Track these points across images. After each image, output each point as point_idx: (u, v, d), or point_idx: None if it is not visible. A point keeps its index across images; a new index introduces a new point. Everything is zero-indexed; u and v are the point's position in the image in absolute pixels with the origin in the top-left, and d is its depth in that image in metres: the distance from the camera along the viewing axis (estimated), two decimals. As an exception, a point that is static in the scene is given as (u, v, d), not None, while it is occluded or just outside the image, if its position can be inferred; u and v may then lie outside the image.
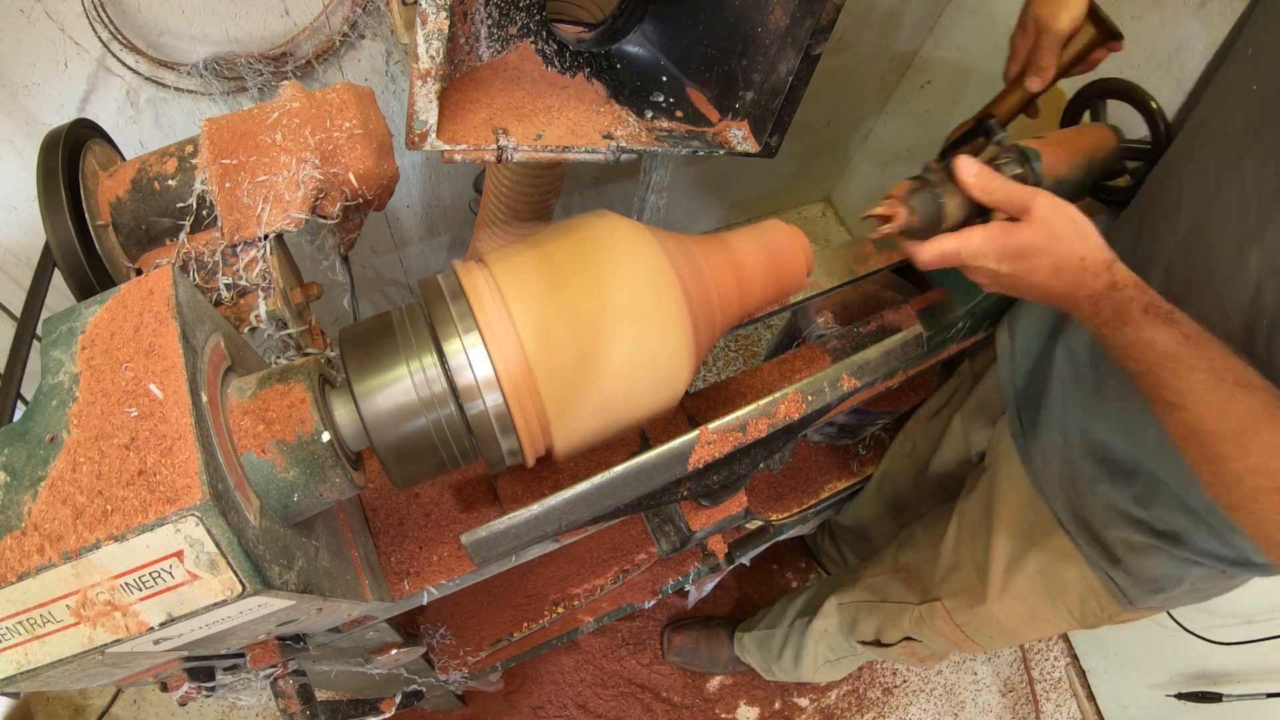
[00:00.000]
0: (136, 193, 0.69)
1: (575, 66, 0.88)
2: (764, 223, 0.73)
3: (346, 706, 0.84)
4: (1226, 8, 1.13)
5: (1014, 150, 0.81)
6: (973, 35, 1.62)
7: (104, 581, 0.45)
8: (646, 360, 0.60)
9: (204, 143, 0.66)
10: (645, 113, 0.87)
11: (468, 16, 0.78)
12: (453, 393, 0.56)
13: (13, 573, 0.44)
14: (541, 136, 0.78)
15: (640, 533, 1.46)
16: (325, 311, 1.50)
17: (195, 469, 0.46)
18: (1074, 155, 0.83)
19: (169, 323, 0.51)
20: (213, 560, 0.46)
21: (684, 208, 1.99)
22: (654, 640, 1.89)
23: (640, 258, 0.61)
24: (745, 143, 0.87)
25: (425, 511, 0.87)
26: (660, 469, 0.67)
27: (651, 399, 0.63)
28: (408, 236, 1.58)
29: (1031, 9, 0.92)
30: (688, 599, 1.90)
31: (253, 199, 0.67)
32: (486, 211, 1.16)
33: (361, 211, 0.76)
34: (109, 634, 0.47)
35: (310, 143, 0.67)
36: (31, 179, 0.66)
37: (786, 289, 0.72)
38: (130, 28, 1.00)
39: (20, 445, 0.48)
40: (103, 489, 0.45)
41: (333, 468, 0.56)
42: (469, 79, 0.80)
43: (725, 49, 0.86)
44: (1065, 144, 0.82)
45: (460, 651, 1.32)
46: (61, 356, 0.51)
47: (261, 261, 0.69)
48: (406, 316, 0.59)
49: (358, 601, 0.67)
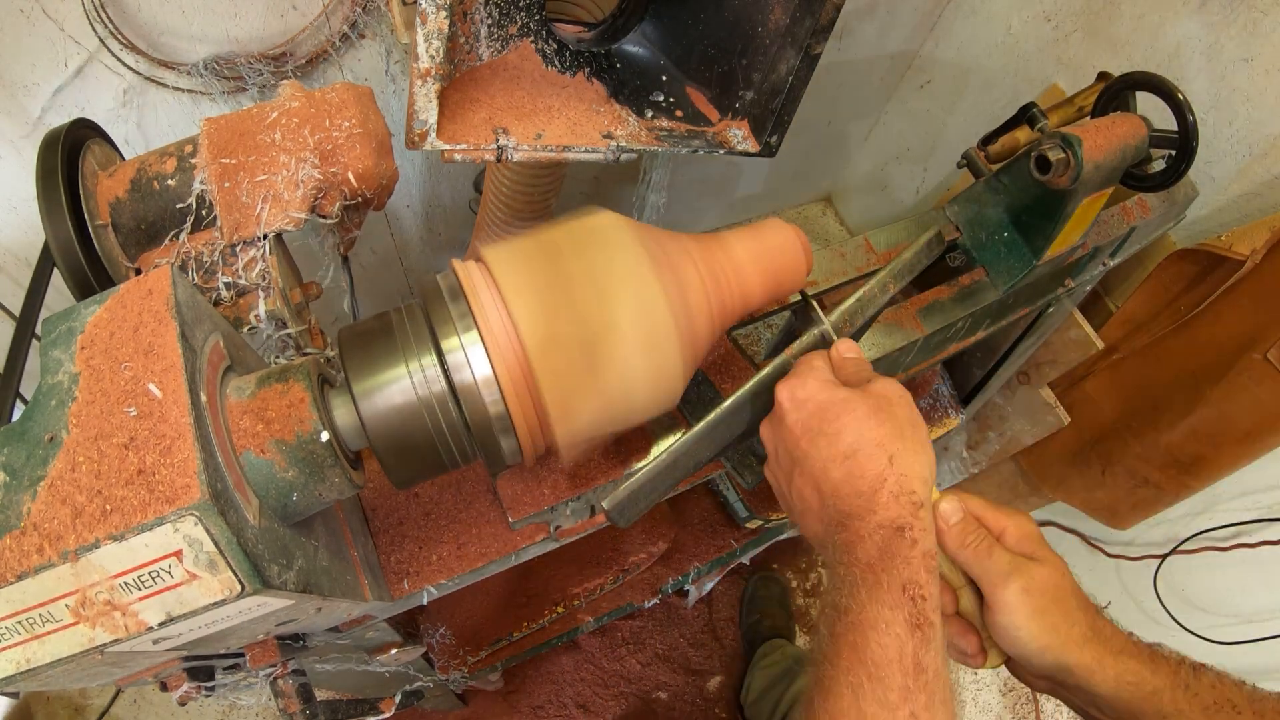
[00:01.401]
0: (136, 192, 0.68)
1: (575, 66, 0.88)
2: (763, 221, 0.73)
3: (346, 706, 0.84)
4: (1226, 8, 1.13)
5: (1057, 137, 0.81)
6: (973, 35, 1.62)
7: (103, 581, 0.45)
8: (646, 359, 0.60)
9: (203, 142, 0.66)
10: (645, 112, 0.87)
11: (468, 16, 0.78)
12: (452, 392, 0.56)
13: (12, 573, 0.44)
14: (541, 136, 0.78)
15: (640, 532, 1.46)
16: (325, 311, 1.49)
17: (194, 468, 0.46)
18: (1112, 142, 0.84)
19: (168, 322, 0.51)
20: (212, 560, 0.46)
21: (684, 207, 1.98)
22: (654, 640, 1.89)
23: (639, 257, 0.61)
24: (745, 142, 0.87)
25: (425, 511, 0.87)
26: (770, 385, 0.67)
27: (651, 398, 0.63)
28: (408, 236, 1.58)
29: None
30: (687, 599, 1.90)
31: (252, 199, 0.67)
32: (486, 211, 1.16)
33: (361, 211, 0.76)
34: (108, 634, 0.47)
35: (310, 142, 0.67)
36: (31, 179, 0.66)
37: (786, 288, 0.72)
38: (130, 27, 1.00)
39: (20, 445, 0.48)
40: (102, 489, 0.45)
41: (332, 467, 0.56)
42: (469, 79, 0.80)
43: (725, 48, 0.86)
44: (1103, 131, 0.84)
45: (460, 651, 1.32)
46: (61, 356, 0.51)
47: (261, 261, 0.69)
48: (406, 316, 0.59)
49: (357, 601, 0.67)
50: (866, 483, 0.55)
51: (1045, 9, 1.43)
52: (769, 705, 1.61)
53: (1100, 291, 1.41)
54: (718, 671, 1.90)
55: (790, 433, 0.60)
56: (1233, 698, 0.61)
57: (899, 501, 0.54)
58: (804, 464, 0.59)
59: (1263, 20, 1.10)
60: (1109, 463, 1.45)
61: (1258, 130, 1.15)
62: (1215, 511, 1.50)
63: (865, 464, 0.55)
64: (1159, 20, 1.23)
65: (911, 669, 0.47)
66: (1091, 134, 0.83)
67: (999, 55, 1.57)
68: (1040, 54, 1.47)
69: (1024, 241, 0.92)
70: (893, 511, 0.53)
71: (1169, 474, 1.37)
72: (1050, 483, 1.63)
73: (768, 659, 1.74)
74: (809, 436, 0.59)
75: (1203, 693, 0.61)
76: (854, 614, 0.49)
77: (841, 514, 0.55)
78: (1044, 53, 1.46)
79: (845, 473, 0.56)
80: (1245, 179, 1.19)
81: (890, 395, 0.59)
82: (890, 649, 0.48)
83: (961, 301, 1.01)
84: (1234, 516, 1.46)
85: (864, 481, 0.55)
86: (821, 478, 0.57)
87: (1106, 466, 1.46)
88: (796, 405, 0.60)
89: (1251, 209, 1.19)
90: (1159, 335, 1.29)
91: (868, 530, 0.53)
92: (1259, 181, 1.17)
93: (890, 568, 0.51)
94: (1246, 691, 0.62)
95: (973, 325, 1.08)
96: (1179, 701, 0.61)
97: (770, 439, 0.64)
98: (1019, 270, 0.93)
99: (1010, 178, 0.89)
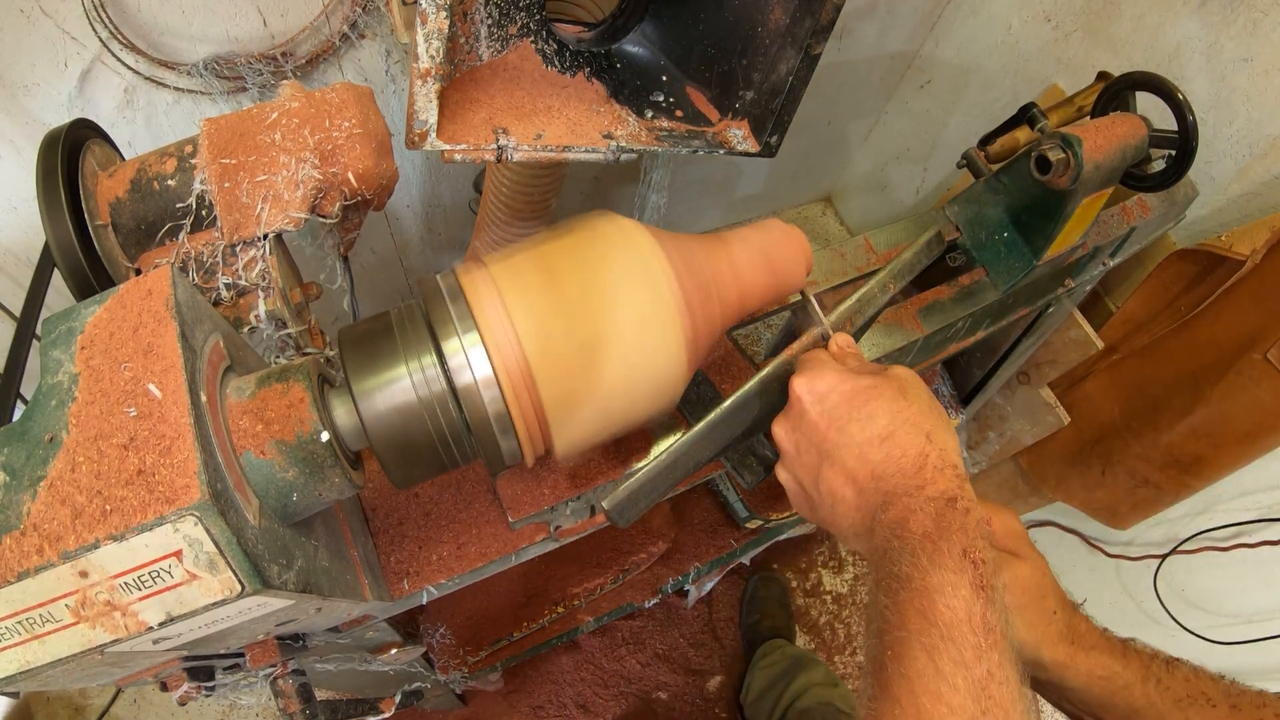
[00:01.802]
0: (136, 193, 0.68)
1: (575, 66, 0.88)
2: (763, 222, 0.73)
3: (346, 706, 0.84)
4: (1226, 8, 1.13)
5: (1057, 137, 0.81)
6: (973, 35, 1.62)
7: (103, 581, 0.45)
8: (646, 360, 0.60)
9: (203, 142, 0.66)
10: (645, 112, 0.87)
11: (468, 16, 0.78)
12: (452, 393, 0.56)
13: (12, 573, 0.44)
14: (541, 136, 0.78)
15: (640, 532, 1.46)
16: (325, 311, 1.49)
17: (194, 469, 0.46)
18: (1111, 142, 0.84)
19: (167, 322, 0.51)
20: (212, 560, 0.46)
21: (684, 207, 1.98)
22: (654, 640, 1.89)
23: (639, 257, 0.61)
24: (745, 142, 0.87)
25: (425, 511, 0.87)
26: (773, 382, 0.67)
27: (651, 398, 0.63)
28: (408, 236, 1.58)
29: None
30: (687, 599, 1.90)
31: (252, 199, 0.67)
32: (486, 211, 1.15)
33: (361, 211, 0.76)
34: (108, 634, 0.47)
35: (309, 142, 0.67)
36: (31, 179, 0.66)
37: (786, 288, 0.72)
38: (130, 27, 1.00)
39: (20, 445, 0.48)
40: (102, 489, 0.45)
41: (332, 467, 0.56)
42: (469, 79, 0.80)
43: (725, 48, 0.86)
44: (1103, 131, 0.84)
45: (460, 651, 1.32)
46: (61, 356, 0.51)
47: (261, 261, 0.69)
48: (405, 316, 0.59)
49: (357, 601, 0.67)
50: (910, 460, 0.55)
51: (1045, 9, 1.43)
52: (768, 705, 1.62)
53: (1100, 291, 1.41)
54: (718, 671, 1.90)
55: (814, 426, 0.60)
56: (1208, 692, 0.61)
57: (944, 474, 0.54)
58: (835, 454, 0.58)
59: (1263, 20, 1.10)
60: (1109, 463, 1.45)
61: (1258, 130, 1.15)
62: (1215, 511, 1.50)
63: (905, 442, 0.55)
64: (1159, 20, 1.23)
65: (981, 629, 0.47)
66: (1091, 134, 0.83)
67: (999, 55, 1.57)
68: (1040, 54, 1.47)
69: (1024, 241, 0.92)
70: (941, 484, 0.53)
71: (1169, 474, 1.37)
72: (1050, 483, 1.63)
73: (767, 659, 1.74)
74: (837, 426, 0.58)
75: (1175, 686, 0.62)
76: (918, 580, 0.49)
77: (886, 494, 0.55)
78: (1044, 53, 1.46)
79: (885, 454, 0.56)
80: (1245, 179, 1.19)
81: (908, 378, 0.60)
82: (959, 610, 0.47)
83: (961, 301, 1.01)
84: (1234, 516, 1.46)
85: (907, 459, 0.55)
86: (858, 463, 0.57)
87: (1106, 466, 1.46)
88: (818, 398, 0.60)
89: (1251, 209, 1.19)
90: (1159, 335, 1.29)
91: (918, 504, 0.53)
92: (1259, 181, 1.17)
93: (947, 536, 0.50)
94: (1223, 686, 0.62)
95: (973, 325, 1.08)
96: (1150, 695, 0.62)
97: (788, 437, 0.63)
98: (1019, 270, 0.93)
99: (1010, 178, 0.89)
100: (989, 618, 0.48)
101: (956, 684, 0.45)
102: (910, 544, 0.51)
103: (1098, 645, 0.63)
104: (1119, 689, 0.62)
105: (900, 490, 0.54)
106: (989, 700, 0.45)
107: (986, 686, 0.45)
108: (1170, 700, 0.61)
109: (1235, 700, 0.62)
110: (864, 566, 2.11)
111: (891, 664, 0.48)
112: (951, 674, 0.45)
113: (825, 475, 0.59)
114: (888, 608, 0.50)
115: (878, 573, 0.53)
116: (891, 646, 0.49)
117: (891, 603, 0.50)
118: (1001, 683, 0.46)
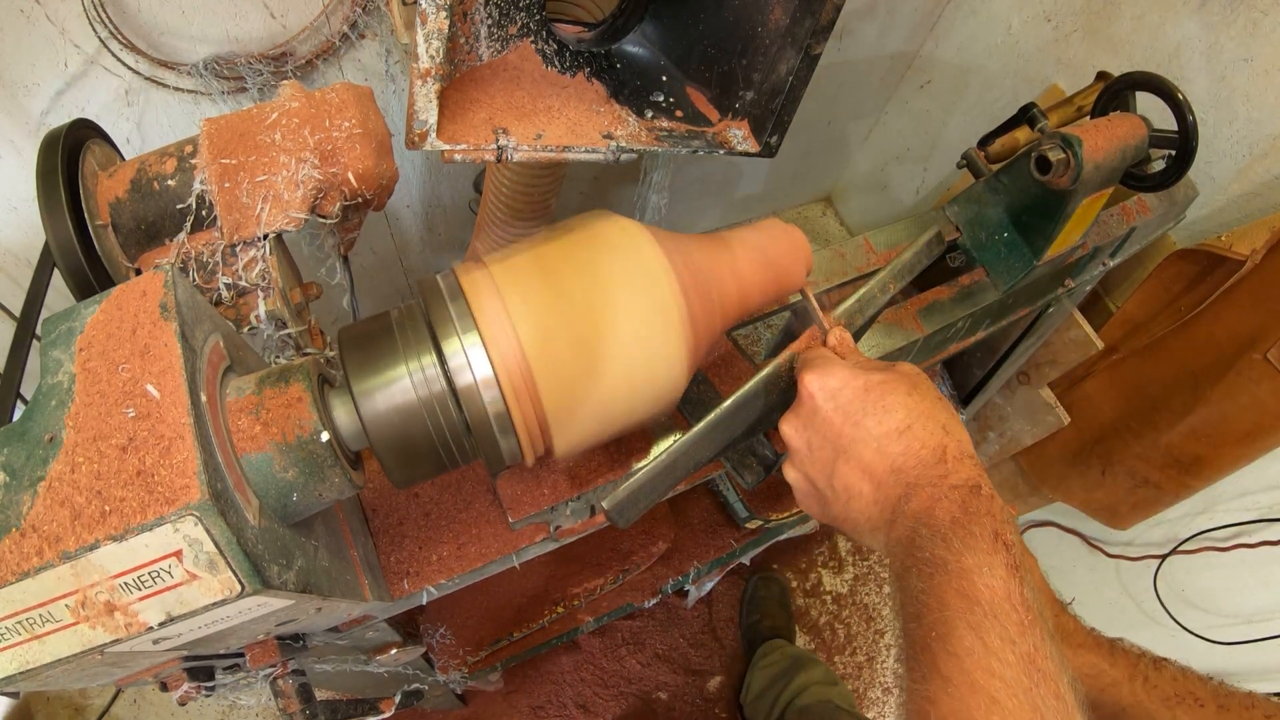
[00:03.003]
0: (136, 193, 0.68)
1: (575, 66, 0.88)
2: (763, 221, 0.73)
3: (346, 706, 0.84)
4: (1226, 8, 1.13)
5: (1057, 137, 0.81)
6: (973, 35, 1.62)
7: (103, 581, 0.45)
8: (646, 359, 0.60)
9: (203, 142, 0.66)
10: (645, 112, 0.87)
11: (468, 16, 0.78)
12: (452, 393, 0.56)
13: (12, 573, 0.44)
14: (541, 136, 0.78)
15: (640, 532, 1.46)
16: (325, 311, 1.50)
17: (194, 469, 0.46)
18: (1111, 142, 0.84)
19: (163, 324, 0.51)
20: (211, 560, 0.46)
21: (684, 207, 1.99)
22: (654, 640, 1.89)
23: (639, 257, 0.61)
24: (745, 142, 0.87)
25: (425, 511, 0.87)
26: (774, 381, 0.67)
27: (651, 398, 0.63)
28: (408, 236, 1.58)
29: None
30: (687, 599, 1.90)
31: (252, 199, 0.67)
32: (486, 211, 1.15)
33: (361, 211, 0.76)
34: (108, 634, 0.47)
35: (309, 142, 0.67)
36: (31, 179, 0.66)
37: (786, 288, 0.72)
38: (130, 27, 1.00)
39: (19, 445, 0.48)
40: (101, 489, 0.45)
41: (332, 468, 0.56)
42: (469, 79, 0.80)
43: (725, 49, 0.86)
44: (1103, 131, 0.84)
45: (460, 651, 1.32)
46: (61, 356, 0.51)
47: (261, 261, 0.69)
48: (405, 316, 0.59)
49: (357, 601, 0.67)
50: (929, 451, 0.55)
51: (1045, 9, 1.43)
52: (768, 705, 1.62)
53: (1100, 291, 1.41)
54: (718, 671, 1.91)
55: (828, 422, 0.59)
56: (1196, 691, 0.62)
57: (964, 464, 0.54)
58: (851, 449, 0.58)
59: (1263, 20, 1.10)
60: (1109, 463, 1.45)
61: (1258, 130, 1.15)
62: (1215, 511, 1.50)
63: (923, 435, 0.56)
64: (1159, 20, 1.23)
65: (1021, 606, 0.48)
66: (1091, 134, 0.83)
67: (999, 55, 1.57)
68: (1040, 54, 1.47)
69: (1024, 241, 0.92)
70: (964, 473, 0.54)
71: (1169, 474, 1.37)
72: (1050, 483, 1.63)
73: (767, 659, 1.74)
74: (852, 421, 0.58)
75: (1163, 685, 0.62)
76: (953, 563, 0.50)
77: (908, 485, 0.55)
78: (1044, 53, 1.46)
79: (904, 446, 0.56)
80: (1245, 179, 1.19)
81: (916, 374, 0.60)
82: (998, 590, 0.48)
83: (961, 301, 1.01)
84: (1234, 516, 1.46)
85: (926, 451, 0.55)
86: (876, 456, 0.57)
87: (1106, 466, 1.46)
88: (830, 394, 0.60)
89: (1251, 209, 1.19)
90: (1159, 335, 1.29)
91: (943, 493, 0.53)
92: (1259, 181, 1.17)
93: (977, 520, 0.51)
94: (1212, 686, 0.63)
95: (973, 325, 1.08)
96: (1138, 693, 0.62)
97: (799, 434, 0.63)
98: (1019, 270, 0.93)
99: (1010, 178, 0.89)
100: (1026, 596, 0.48)
101: (1007, 658, 0.45)
102: (940, 530, 0.51)
103: (1085, 644, 0.64)
104: (1106, 687, 0.62)
105: (923, 481, 0.54)
106: (1038, 674, 0.45)
107: (1034, 659, 0.46)
108: (1158, 699, 0.62)
109: (1223, 701, 0.62)
110: (864, 567, 2.11)
111: (937, 644, 0.48)
112: (1000, 649, 0.46)
113: (840, 470, 0.59)
114: (924, 591, 0.50)
115: (904, 561, 0.53)
116: (935, 627, 0.49)
117: (927, 586, 0.50)
118: (1047, 657, 0.46)
